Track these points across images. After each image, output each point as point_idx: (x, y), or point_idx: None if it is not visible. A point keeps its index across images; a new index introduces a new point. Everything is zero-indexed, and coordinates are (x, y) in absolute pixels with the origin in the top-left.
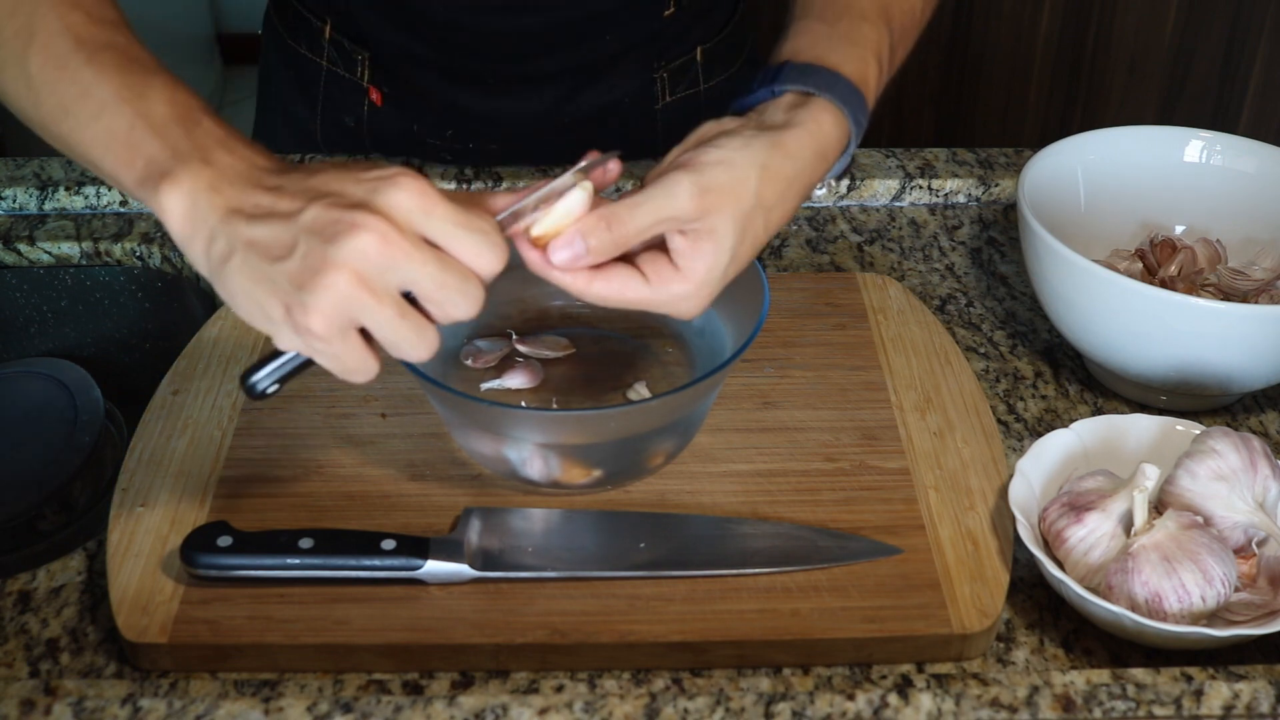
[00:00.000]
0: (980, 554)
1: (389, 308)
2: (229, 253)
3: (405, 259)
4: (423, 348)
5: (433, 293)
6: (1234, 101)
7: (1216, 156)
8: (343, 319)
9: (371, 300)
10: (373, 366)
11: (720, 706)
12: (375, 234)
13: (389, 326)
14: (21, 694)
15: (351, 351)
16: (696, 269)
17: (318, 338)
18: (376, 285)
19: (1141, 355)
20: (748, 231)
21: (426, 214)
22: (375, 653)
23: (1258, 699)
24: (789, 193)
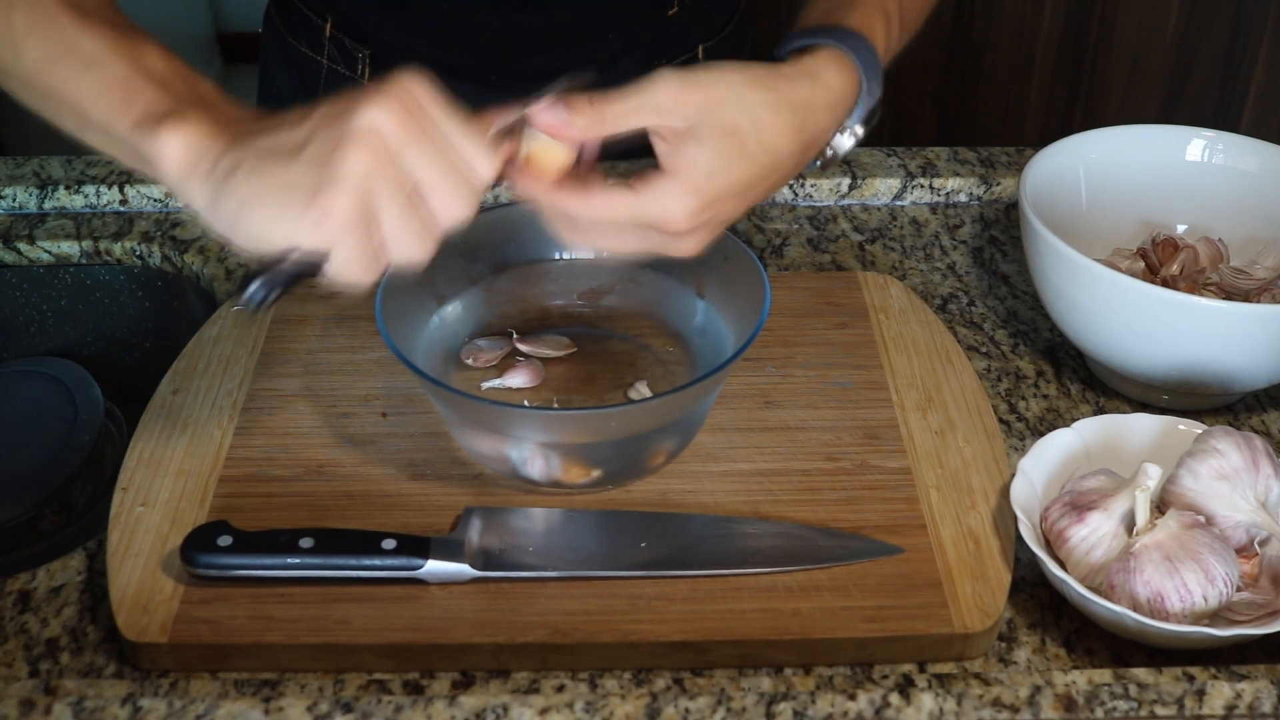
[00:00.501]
0: (982, 553)
1: (404, 193)
2: (238, 162)
3: (419, 140)
4: (423, 246)
5: (438, 183)
6: (1236, 100)
7: (1218, 155)
8: (366, 199)
9: (391, 181)
10: (377, 267)
11: (721, 706)
12: (390, 110)
13: (401, 215)
14: (21, 694)
15: (364, 246)
16: (679, 168)
17: (343, 221)
18: (395, 165)
19: (1143, 354)
20: (736, 140)
21: (433, 107)
22: (376, 652)
23: (1260, 699)
24: (784, 114)
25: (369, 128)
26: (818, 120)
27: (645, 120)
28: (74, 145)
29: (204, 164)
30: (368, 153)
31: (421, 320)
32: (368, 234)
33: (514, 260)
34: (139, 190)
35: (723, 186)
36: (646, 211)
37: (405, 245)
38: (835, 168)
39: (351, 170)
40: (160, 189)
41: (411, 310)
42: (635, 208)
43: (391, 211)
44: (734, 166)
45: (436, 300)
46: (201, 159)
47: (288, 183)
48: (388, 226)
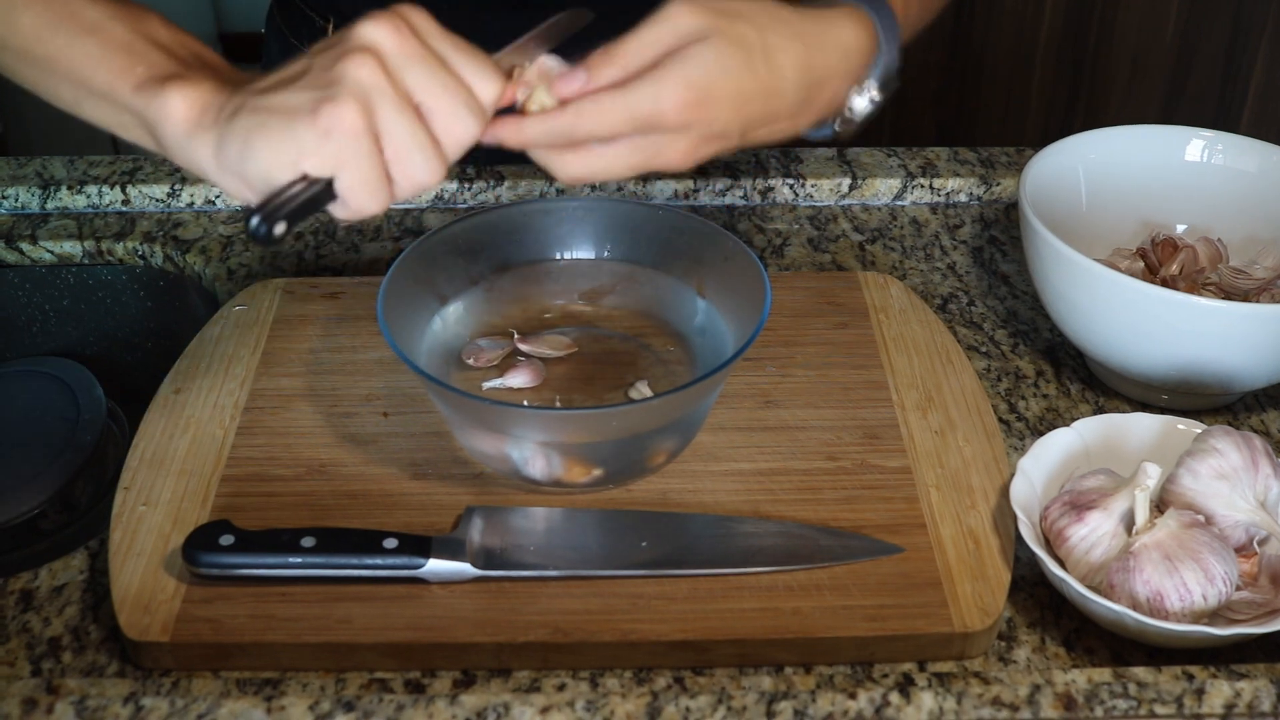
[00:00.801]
0: (982, 553)
1: (409, 108)
2: (239, 106)
3: (421, 56)
4: (432, 166)
5: (442, 99)
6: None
7: (1218, 155)
8: (369, 112)
9: (394, 93)
10: (387, 190)
11: (722, 705)
12: (391, 27)
13: (407, 130)
14: (24, 693)
15: (375, 163)
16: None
17: (347, 135)
18: (398, 78)
19: (1143, 354)
20: (743, 50)
21: (432, 30)
22: (377, 651)
23: (1259, 698)
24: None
25: (367, 43)
26: (827, 59)
27: (664, 45)
28: (76, 146)
29: (208, 116)
30: (368, 65)
31: (423, 320)
32: (374, 151)
33: (515, 260)
34: (141, 190)
35: (721, 89)
36: (639, 104)
37: (415, 165)
38: (852, 131)
39: (353, 80)
40: (162, 189)
41: (413, 310)
42: (627, 102)
43: (398, 127)
44: (735, 74)
45: (438, 300)
46: (206, 112)
47: (290, 105)
48: (395, 144)
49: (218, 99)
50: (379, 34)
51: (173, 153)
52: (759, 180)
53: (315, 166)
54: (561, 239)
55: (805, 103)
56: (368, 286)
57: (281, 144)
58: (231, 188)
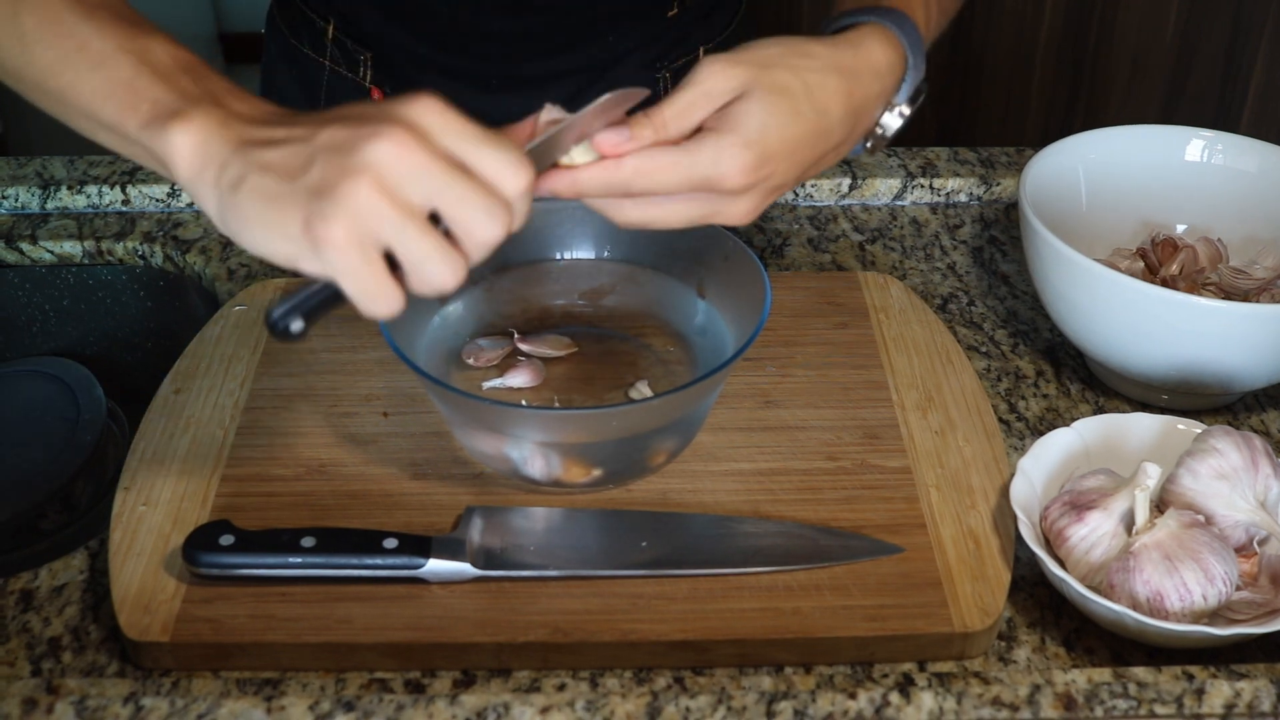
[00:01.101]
0: (982, 553)
1: (413, 222)
2: (241, 177)
3: (428, 169)
4: (448, 271)
5: (457, 208)
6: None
7: (1218, 156)
8: (364, 230)
9: (394, 212)
10: (396, 295)
11: (722, 705)
12: (396, 141)
13: (413, 243)
14: (24, 693)
15: (374, 272)
16: (731, 124)
17: (338, 251)
18: (399, 196)
19: (1143, 354)
20: (787, 98)
21: (449, 129)
22: (377, 651)
23: (1259, 698)
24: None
25: (370, 162)
26: (865, 86)
27: (703, 110)
28: (76, 146)
29: (210, 170)
30: (366, 186)
31: (423, 320)
32: (371, 263)
33: (515, 260)
34: (141, 190)
35: (776, 143)
36: (698, 168)
37: (429, 273)
38: (883, 149)
39: (346, 202)
40: (162, 189)
41: (413, 310)
42: (687, 165)
43: (402, 242)
44: (786, 124)
45: (438, 300)
46: (208, 164)
47: (287, 204)
48: (403, 253)
49: (220, 151)
50: (380, 152)
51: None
52: None
53: (314, 271)
54: (561, 239)
55: (850, 133)
56: None
57: (275, 240)
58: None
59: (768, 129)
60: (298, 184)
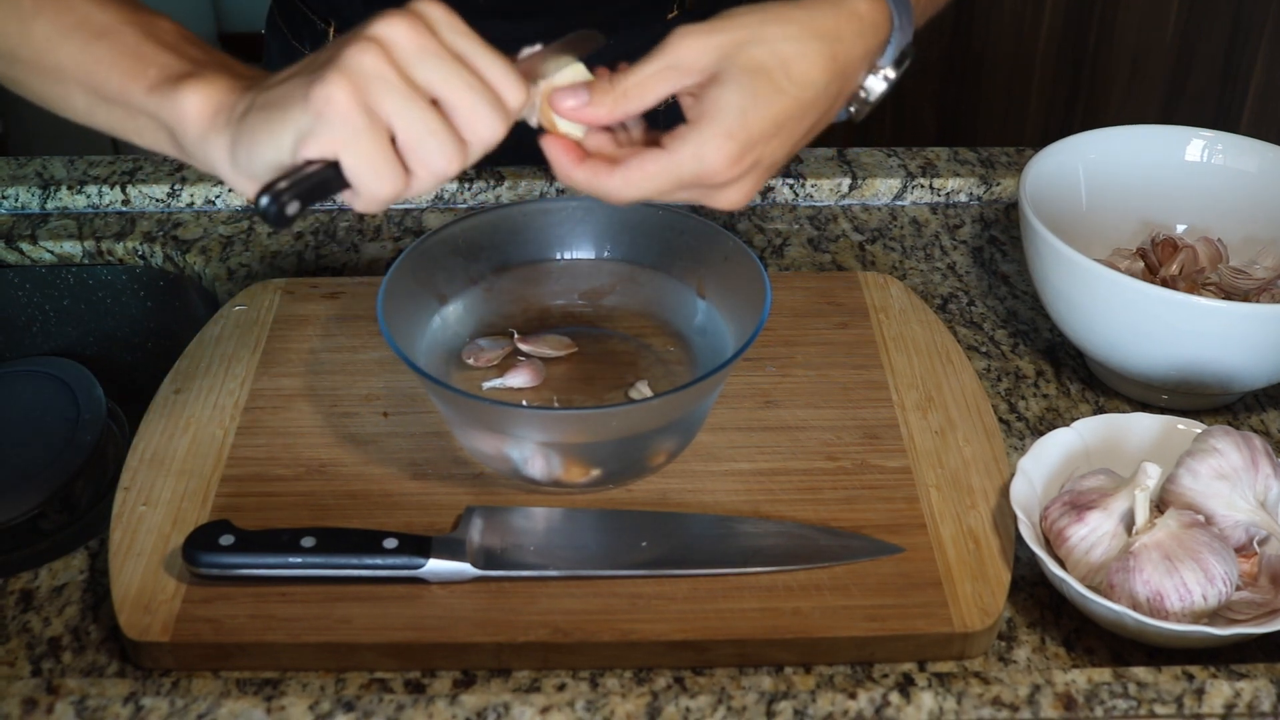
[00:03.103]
0: (982, 553)
1: (417, 97)
2: (250, 103)
3: (438, 53)
4: (450, 154)
5: (462, 94)
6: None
7: (1218, 156)
8: (367, 94)
9: (399, 82)
10: (396, 173)
11: (722, 705)
12: (409, 23)
13: (416, 118)
14: (24, 693)
15: (376, 143)
16: (708, 114)
17: (339, 113)
18: (405, 70)
19: (1143, 354)
20: (764, 76)
21: (458, 29)
22: (377, 651)
23: (1259, 698)
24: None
25: (375, 34)
26: (848, 49)
27: (668, 84)
28: (76, 145)
29: (221, 115)
30: (369, 52)
31: (423, 320)
32: (374, 132)
33: (515, 260)
34: (141, 190)
35: (758, 127)
36: (683, 169)
37: (430, 152)
38: (866, 113)
39: (350, 64)
40: (162, 189)
41: (413, 310)
42: (671, 168)
43: (406, 113)
44: (766, 104)
45: (438, 300)
46: (219, 112)
47: (286, 91)
48: (405, 130)
49: (230, 98)
50: (390, 28)
51: (191, 153)
52: None
53: (315, 150)
54: (561, 239)
55: (837, 97)
56: (368, 286)
57: (281, 130)
58: (247, 189)
59: (748, 114)
60: (304, 74)
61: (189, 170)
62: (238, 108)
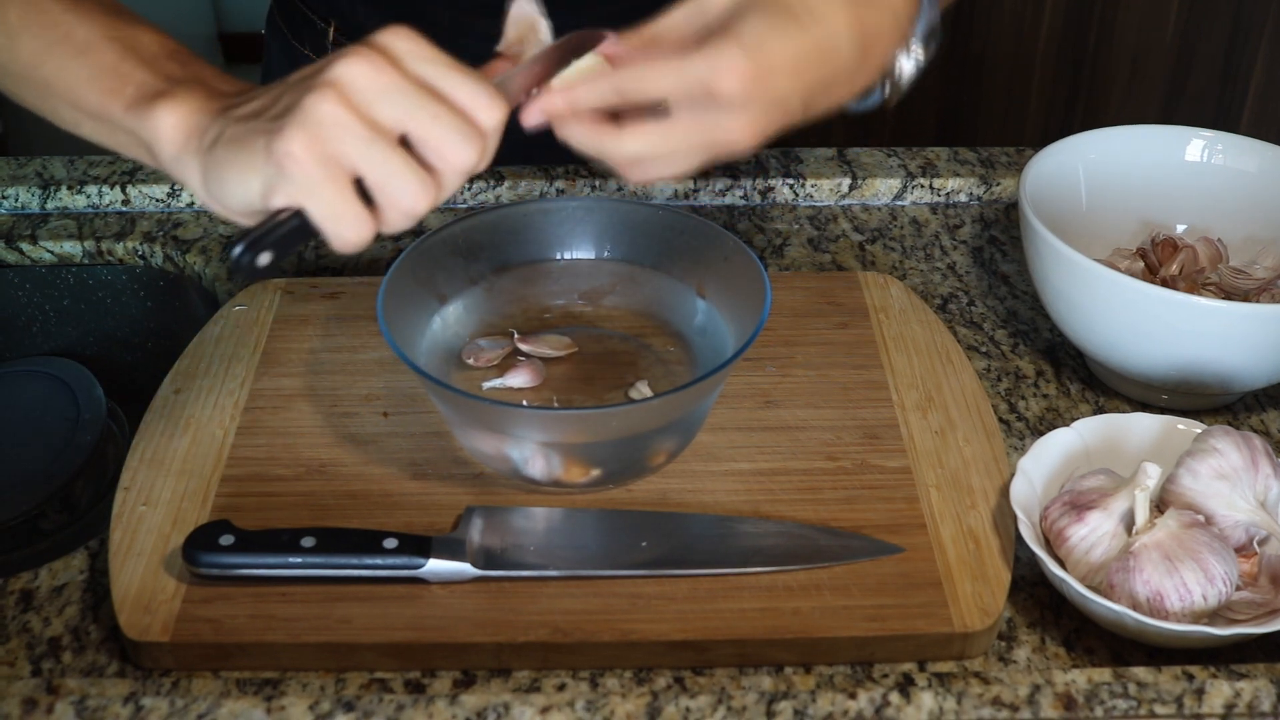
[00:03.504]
0: (982, 553)
1: (380, 139)
2: (219, 134)
3: (400, 89)
4: (419, 193)
5: (430, 127)
6: (1235, 101)
7: (1218, 156)
8: (326, 143)
9: (359, 127)
10: (363, 219)
11: (722, 705)
12: (367, 60)
13: (379, 160)
14: (24, 693)
15: (338, 191)
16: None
17: (299, 165)
18: (365, 112)
19: (1143, 354)
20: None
21: (422, 55)
22: (377, 651)
23: (1259, 698)
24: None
25: (332, 78)
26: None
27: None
28: (76, 146)
29: (193, 140)
30: (326, 100)
31: (423, 320)
32: (340, 184)
33: (515, 260)
34: (141, 190)
35: (777, 55)
36: (693, 69)
37: (398, 192)
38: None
39: (306, 114)
40: (162, 189)
41: (413, 310)
42: (681, 66)
43: (370, 160)
44: (784, 35)
45: (438, 300)
46: (191, 135)
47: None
48: (371, 173)
49: (202, 121)
50: (349, 69)
51: (169, 171)
52: (759, 180)
53: (281, 200)
54: (561, 239)
55: (861, 62)
56: (368, 286)
57: (246, 178)
58: (221, 214)
59: (766, 39)
60: (265, 116)
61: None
62: (207, 135)
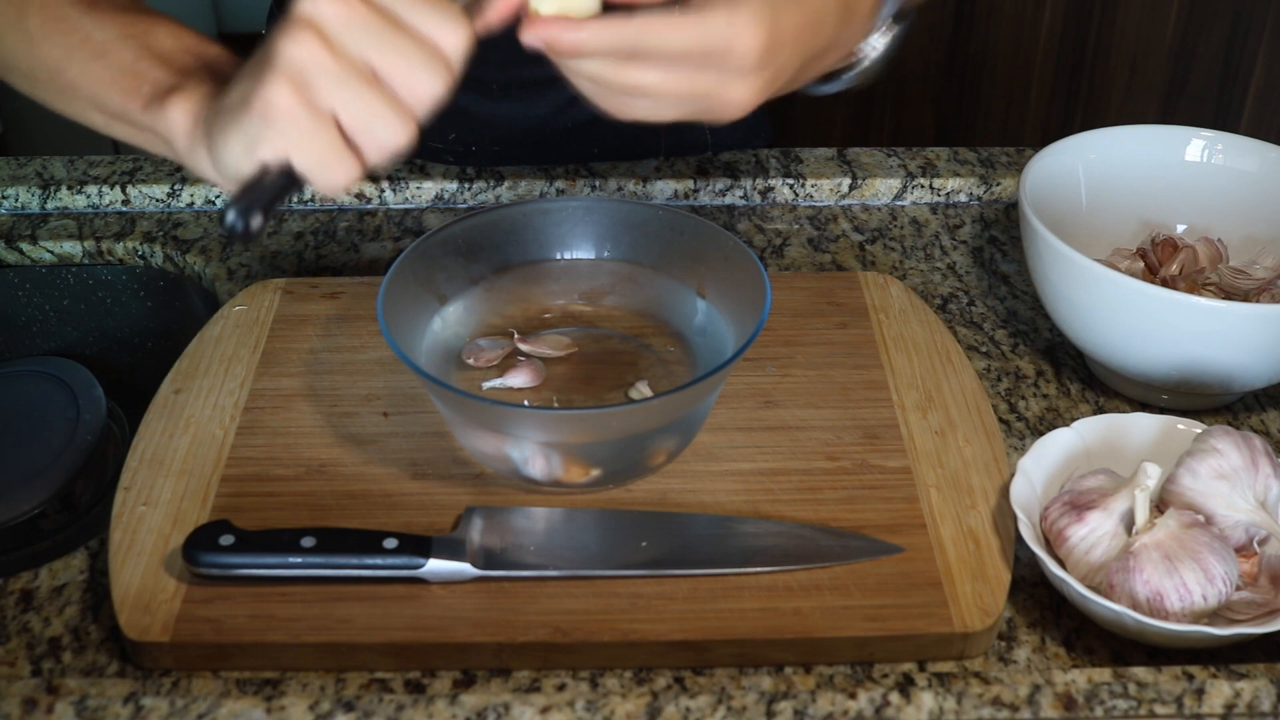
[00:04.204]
0: (982, 553)
1: (355, 76)
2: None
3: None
4: (397, 129)
5: (397, 62)
6: (1235, 101)
7: (1218, 156)
8: (307, 88)
9: (335, 65)
10: (349, 162)
11: (722, 705)
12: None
13: (357, 100)
14: (24, 692)
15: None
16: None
17: (285, 115)
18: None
19: (1143, 354)
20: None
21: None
22: (377, 651)
23: (1259, 698)
24: None
25: (305, 16)
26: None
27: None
28: (76, 145)
29: (200, 127)
30: (303, 43)
31: (423, 320)
32: (319, 127)
33: (515, 260)
34: (141, 190)
35: (785, 25)
36: (711, 32)
37: (377, 132)
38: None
39: (285, 60)
40: (162, 189)
41: (413, 310)
42: (699, 26)
43: (346, 99)
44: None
45: (438, 300)
46: (197, 124)
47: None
48: (349, 117)
49: (207, 108)
50: (316, 7)
51: (187, 165)
52: (759, 180)
53: (268, 153)
54: (561, 239)
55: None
56: (368, 286)
57: (235, 137)
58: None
59: (779, 13)
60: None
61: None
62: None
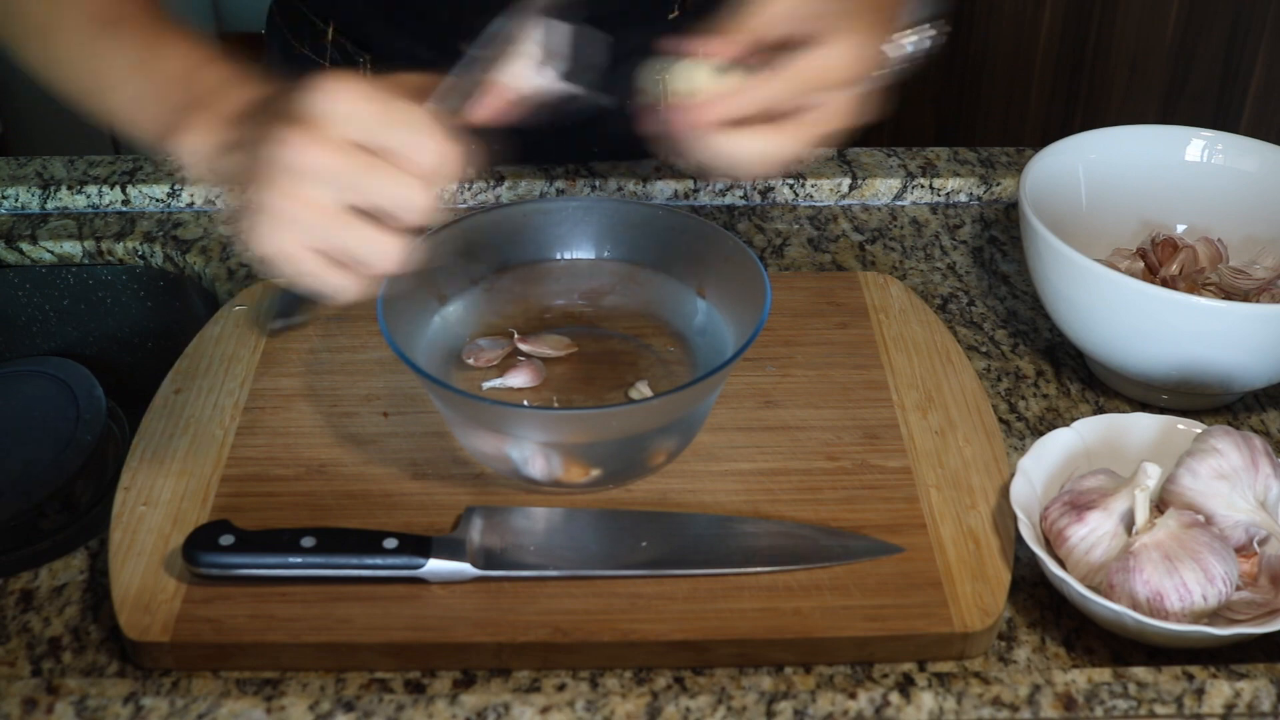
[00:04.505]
0: (982, 553)
1: (332, 219)
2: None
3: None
4: (386, 255)
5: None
6: (1235, 101)
7: (1218, 156)
8: (290, 238)
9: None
10: (350, 286)
11: (722, 705)
12: (294, 146)
13: (337, 239)
14: (24, 692)
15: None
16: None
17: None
18: (310, 200)
19: (1143, 354)
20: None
21: (351, 117)
22: (377, 651)
23: (1259, 698)
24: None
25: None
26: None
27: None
28: (76, 146)
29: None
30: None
31: (423, 320)
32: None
33: (515, 260)
34: (141, 190)
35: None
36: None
37: (367, 261)
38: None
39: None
40: (162, 189)
41: (413, 310)
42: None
43: (330, 239)
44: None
45: (438, 300)
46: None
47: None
48: (337, 251)
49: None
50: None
51: None
52: (759, 180)
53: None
54: (561, 239)
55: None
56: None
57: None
58: None
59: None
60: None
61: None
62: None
